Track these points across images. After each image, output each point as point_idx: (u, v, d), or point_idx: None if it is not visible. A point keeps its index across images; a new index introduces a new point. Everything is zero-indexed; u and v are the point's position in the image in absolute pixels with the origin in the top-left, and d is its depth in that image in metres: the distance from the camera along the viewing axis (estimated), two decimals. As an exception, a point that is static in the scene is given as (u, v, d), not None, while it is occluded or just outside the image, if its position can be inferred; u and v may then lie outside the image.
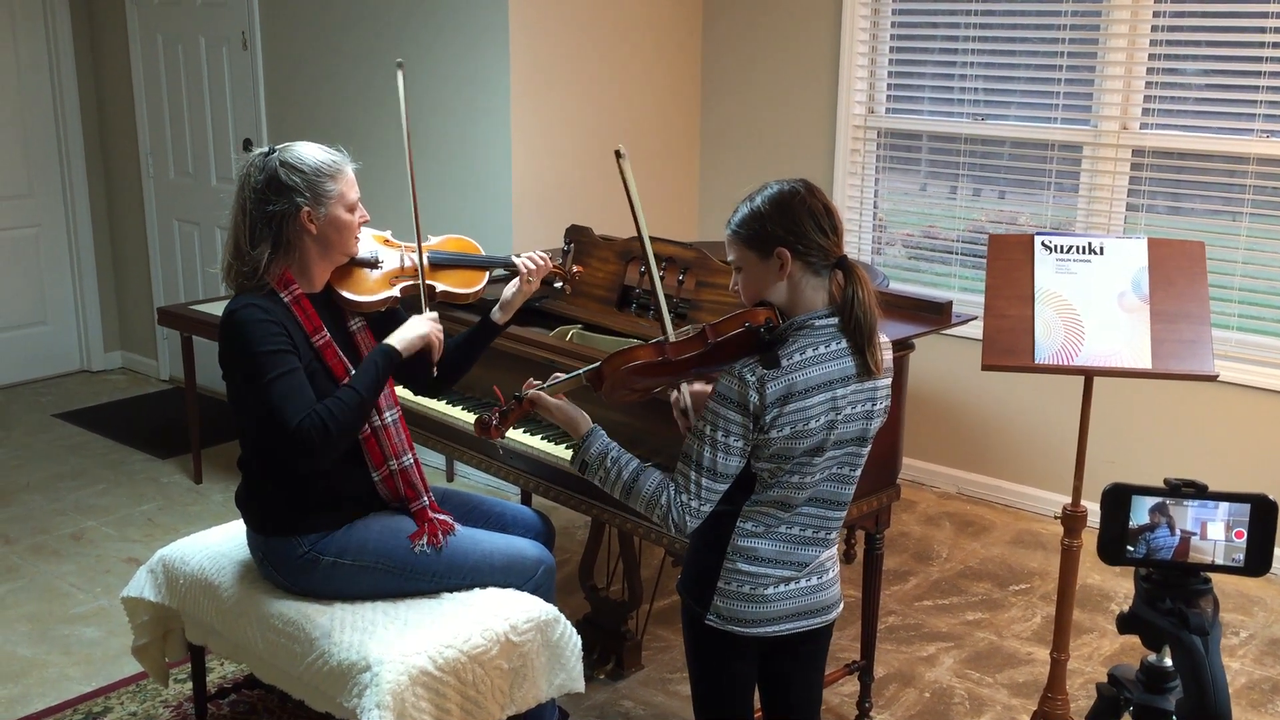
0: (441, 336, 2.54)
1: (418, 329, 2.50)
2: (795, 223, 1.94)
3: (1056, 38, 4.12)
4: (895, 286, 3.68)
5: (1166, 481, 1.57)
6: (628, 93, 4.56)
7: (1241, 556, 1.57)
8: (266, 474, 2.46)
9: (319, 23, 4.63)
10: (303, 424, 2.28)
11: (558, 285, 2.78)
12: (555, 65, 4.25)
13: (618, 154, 2.19)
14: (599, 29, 4.39)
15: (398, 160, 4.39)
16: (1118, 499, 1.56)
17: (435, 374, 2.59)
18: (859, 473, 2.06)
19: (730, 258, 2.03)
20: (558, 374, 2.15)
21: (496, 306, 2.66)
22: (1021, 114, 4.25)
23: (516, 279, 2.65)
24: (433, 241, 2.70)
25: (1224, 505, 1.56)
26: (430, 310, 2.55)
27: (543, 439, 2.88)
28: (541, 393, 2.11)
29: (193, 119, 5.24)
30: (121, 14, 5.37)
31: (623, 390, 2.06)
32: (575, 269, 2.82)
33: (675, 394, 2.16)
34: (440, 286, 2.61)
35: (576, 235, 3.26)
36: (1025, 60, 4.22)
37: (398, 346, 2.46)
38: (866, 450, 2.05)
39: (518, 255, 2.67)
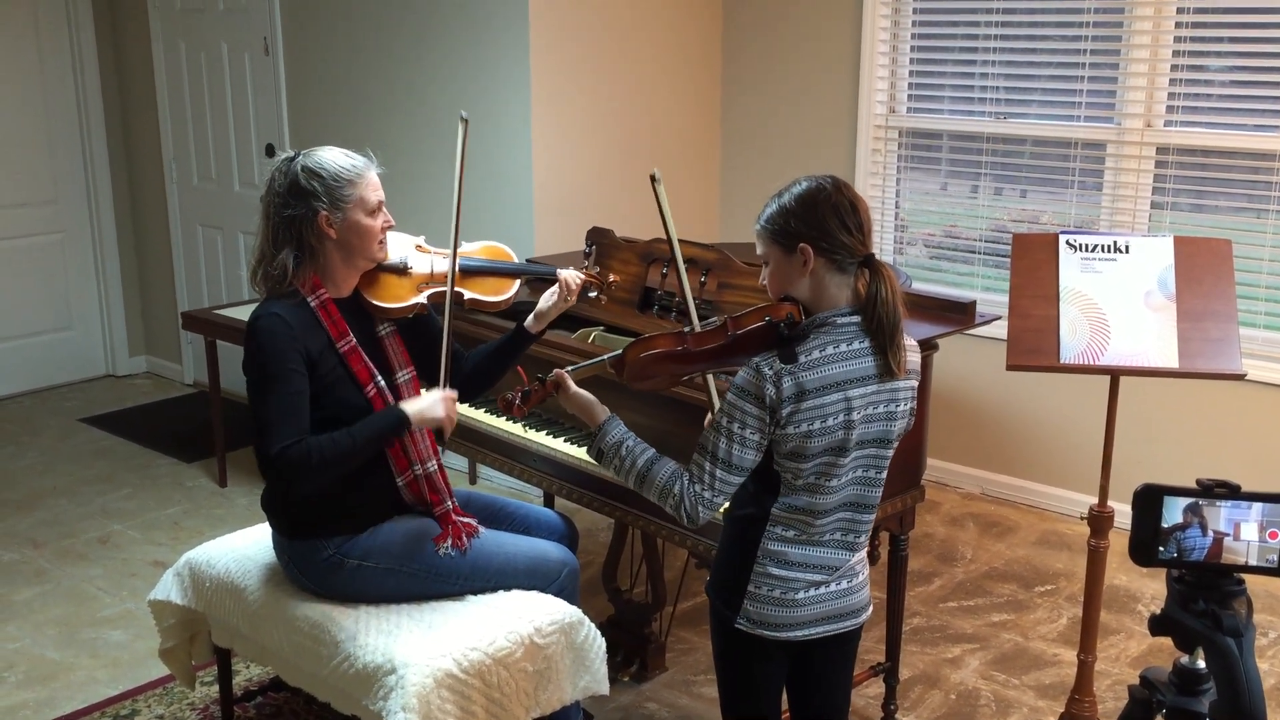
0: (455, 417, 2.46)
1: (436, 412, 2.42)
2: (819, 220, 1.94)
3: (1079, 35, 4.09)
4: (918, 286, 3.66)
5: (1199, 482, 1.56)
6: (648, 95, 4.56)
7: (1275, 557, 1.55)
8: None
9: (340, 28, 4.65)
10: (285, 451, 2.27)
11: (593, 294, 2.75)
12: (576, 68, 4.25)
13: (653, 178, 2.20)
14: (619, 31, 4.39)
15: (420, 163, 4.42)
16: (1150, 499, 1.55)
17: (444, 449, 2.58)
18: (884, 475, 2.05)
19: (759, 252, 2.04)
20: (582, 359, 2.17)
21: (531, 316, 2.63)
22: (1044, 112, 4.22)
23: (555, 288, 2.61)
24: (467, 248, 2.68)
25: (1257, 505, 1.54)
26: (449, 388, 2.48)
27: (566, 441, 2.88)
28: (565, 376, 2.13)
29: (215, 124, 5.27)
30: (144, 21, 5.41)
31: (643, 378, 2.08)
32: (613, 278, 2.77)
33: (709, 418, 2.18)
34: (468, 294, 2.58)
35: (598, 237, 3.26)
36: (1047, 58, 4.20)
37: (412, 419, 2.40)
38: (889, 452, 2.03)
39: (560, 269, 2.63)
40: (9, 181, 5.39)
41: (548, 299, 2.62)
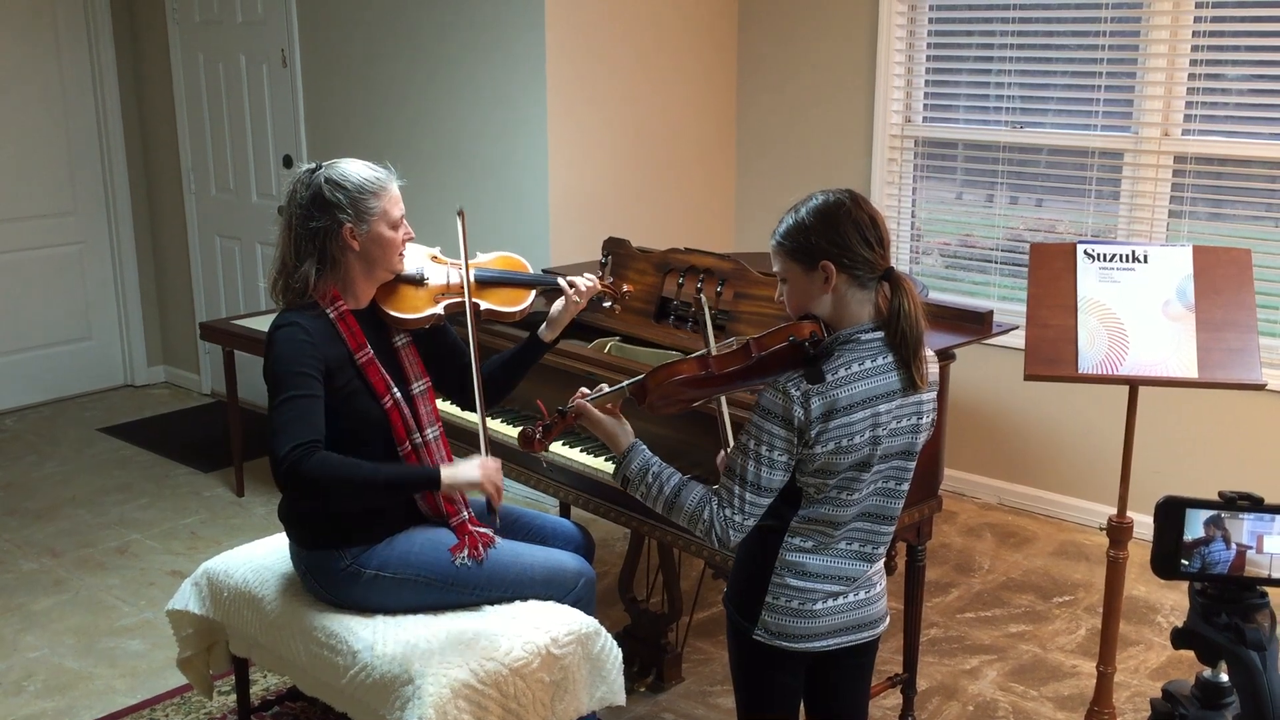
0: (501, 486, 2.38)
1: (470, 475, 2.36)
2: (840, 235, 1.92)
3: (1096, 44, 4.08)
4: (934, 296, 3.66)
5: (1221, 494, 1.55)
6: (664, 104, 4.57)
7: (1298, 570, 1.54)
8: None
9: (358, 40, 4.67)
10: (291, 454, 2.25)
11: (607, 304, 2.74)
12: (592, 78, 4.27)
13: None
14: (635, 41, 4.41)
15: (437, 174, 4.44)
16: (1172, 512, 1.53)
17: (498, 524, 2.50)
18: (906, 486, 2.04)
19: (775, 269, 2.01)
20: (602, 385, 2.16)
21: (544, 324, 2.64)
22: (1060, 121, 4.21)
23: (563, 297, 2.63)
24: (481, 259, 2.69)
25: (1280, 518, 1.53)
26: (490, 457, 2.41)
27: (583, 452, 2.88)
28: (587, 405, 2.11)
29: (233, 136, 5.30)
30: (163, 33, 5.45)
31: (666, 403, 2.06)
32: (627, 288, 2.76)
33: (722, 454, 2.16)
34: (485, 305, 2.59)
35: (614, 247, 3.26)
36: (1063, 67, 4.19)
37: (444, 481, 2.36)
38: (913, 464, 2.03)
39: (564, 277, 2.65)
40: (29, 192, 5.43)
41: (558, 305, 2.63)
